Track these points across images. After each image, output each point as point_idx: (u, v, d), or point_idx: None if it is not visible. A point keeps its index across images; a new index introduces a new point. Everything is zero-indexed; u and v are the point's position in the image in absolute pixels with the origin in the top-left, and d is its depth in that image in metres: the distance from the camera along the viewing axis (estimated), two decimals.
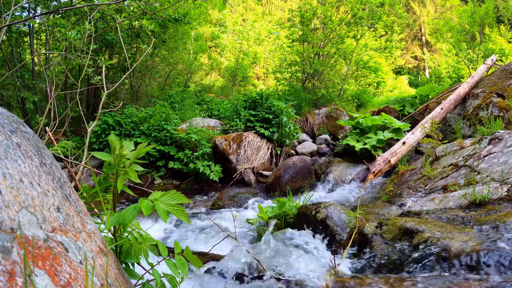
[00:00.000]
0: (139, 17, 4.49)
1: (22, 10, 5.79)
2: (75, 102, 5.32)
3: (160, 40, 7.11)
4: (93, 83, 3.92)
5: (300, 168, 4.55)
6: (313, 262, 1.76)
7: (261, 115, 5.54)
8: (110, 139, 1.09)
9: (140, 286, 1.11)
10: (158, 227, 3.15)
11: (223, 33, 14.75)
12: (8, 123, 0.86)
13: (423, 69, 21.81)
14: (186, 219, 1.06)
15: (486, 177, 2.64)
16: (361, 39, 9.07)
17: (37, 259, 0.65)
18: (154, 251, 1.14)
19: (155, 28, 5.83)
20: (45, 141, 2.60)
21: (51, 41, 3.87)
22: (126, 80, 7.28)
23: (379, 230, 1.92)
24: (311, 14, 8.05)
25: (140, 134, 5.31)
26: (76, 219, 0.89)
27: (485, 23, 9.77)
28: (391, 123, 5.36)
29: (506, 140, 3.17)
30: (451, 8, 19.95)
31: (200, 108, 7.03)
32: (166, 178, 5.10)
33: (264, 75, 16.28)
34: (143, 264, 1.18)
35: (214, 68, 13.36)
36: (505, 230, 1.58)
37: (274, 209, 2.82)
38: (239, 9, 20.76)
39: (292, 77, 8.76)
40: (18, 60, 5.98)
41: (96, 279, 0.79)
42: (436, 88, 7.80)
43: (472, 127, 4.98)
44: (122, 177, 1.11)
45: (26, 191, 0.73)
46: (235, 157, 4.98)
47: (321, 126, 7.20)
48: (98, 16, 5.62)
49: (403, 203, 2.99)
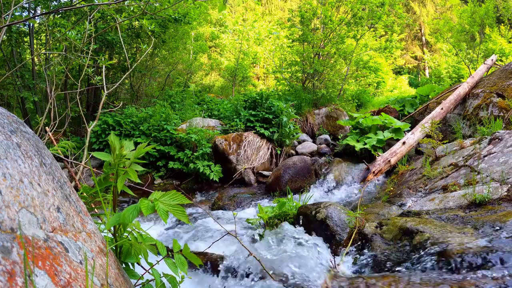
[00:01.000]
0: (139, 17, 4.49)
1: (22, 10, 5.79)
2: (75, 102, 5.32)
3: (160, 40, 7.11)
4: (93, 83, 3.92)
5: (300, 168, 4.55)
6: (313, 262, 1.76)
7: (261, 115, 5.54)
8: (110, 139, 1.09)
9: (140, 286, 1.11)
10: (158, 227, 3.16)
11: (223, 33, 14.75)
12: (8, 123, 0.86)
13: (423, 69, 21.81)
14: (186, 220, 1.06)
15: (486, 177, 2.64)
16: (361, 39, 9.07)
17: (37, 259, 0.65)
18: (154, 251, 1.14)
19: (155, 28, 5.83)
20: (45, 141, 2.60)
21: (51, 41, 3.87)
22: (126, 80, 7.28)
23: (379, 230, 1.92)
24: (311, 14, 8.05)
25: (140, 134, 5.32)
26: (76, 219, 0.89)
27: (485, 23, 9.75)
28: (391, 123, 5.36)
29: (506, 140, 3.17)
30: (451, 8, 19.94)
31: (200, 108, 7.03)
32: (166, 178, 5.10)
33: (264, 75, 16.28)
34: (143, 264, 1.18)
35: (214, 68, 13.36)
36: (505, 230, 1.58)
37: (274, 209, 2.83)
38: (239, 9, 20.77)
39: (292, 77, 8.76)
40: (18, 60, 5.98)
41: (96, 279, 0.79)
42: (436, 88, 7.80)
43: (472, 127, 4.98)
44: (122, 177, 1.11)
45: (26, 191, 0.73)
46: (235, 157, 4.98)
47: (321, 126, 7.20)
48: (98, 16, 5.62)
49: (403, 203, 2.99)
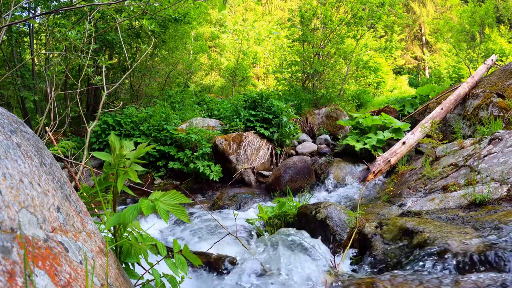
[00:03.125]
0: (139, 17, 4.49)
1: (22, 10, 5.79)
2: (75, 102, 5.32)
3: (160, 40, 7.11)
4: (93, 83, 3.92)
5: (300, 168, 4.55)
6: (313, 262, 1.76)
7: (261, 115, 5.53)
8: (110, 139, 1.09)
9: (140, 286, 1.11)
10: (158, 227, 3.16)
11: (223, 33, 14.75)
12: (8, 123, 0.86)
13: (423, 69, 21.81)
14: (186, 219, 1.06)
15: (486, 177, 2.64)
16: (361, 39, 9.07)
17: (37, 259, 0.65)
18: (154, 251, 1.14)
19: (155, 28, 5.83)
20: (45, 141, 2.60)
21: (51, 41, 3.86)
22: (126, 80, 7.27)
23: (379, 230, 1.92)
24: (311, 14, 8.05)
25: (140, 134, 5.31)
26: (76, 219, 0.89)
27: (485, 23, 9.74)
28: (391, 123, 5.36)
29: (506, 140, 3.17)
30: (451, 8, 19.93)
31: (200, 108, 7.02)
32: (166, 178, 5.10)
33: (264, 75, 16.27)
34: (143, 264, 1.18)
35: (214, 68, 13.36)
36: (505, 230, 1.58)
37: (274, 209, 2.83)
38: (239, 9, 20.77)
39: (292, 77, 8.76)
40: (18, 60, 5.98)
41: (96, 279, 0.79)
42: (436, 88, 7.80)
43: (472, 127, 4.98)
44: (122, 177, 1.11)
45: (26, 191, 0.73)
46: (235, 157, 4.97)
47: (321, 126, 7.20)
48: (98, 16, 5.62)
49: (403, 203, 2.99)
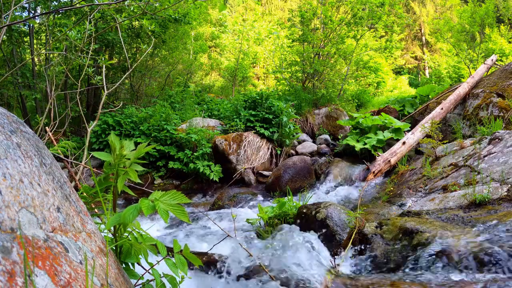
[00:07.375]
0: (139, 17, 4.50)
1: (22, 10, 5.79)
2: (75, 102, 5.32)
3: (160, 40, 7.11)
4: (93, 83, 3.92)
5: (300, 168, 4.55)
6: (313, 262, 1.76)
7: (261, 115, 5.53)
8: (110, 139, 1.09)
9: (140, 286, 1.11)
10: (158, 227, 3.16)
11: (223, 33, 14.75)
12: (8, 123, 0.86)
13: (423, 69, 21.81)
14: (186, 219, 1.06)
15: (486, 177, 2.64)
16: (361, 39, 9.07)
17: (37, 259, 0.65)
18: (154, 251, 1.14)
19: (155, 28, 5.83)
20: (45, 141, 2.60)
21: (51, 41, 3.87)
22: (126, 80, 7.28)
23: (379, 230, 1.92)
24: (311, 14, 8.05)
25: (140, 134, 5.32)
26: (76, 219, 0.89)
27: (485, 23, 9.75)
28: (391, 123, 5.36)
29: (506, 140, 3.17)
30: (451, 8, 19.94)
31: (200, 108, 7.02)
32: (166, 178, 5.10)
33: (264, 75, 16.27)
34: (143, 264, 1.18)
35: (214, 68, 13.37)
36: (505, 230, 1.58)
37: (274, 209, 2.83)
38: (239, 9, 20.76)
39: (292, 77, 8.76)
40: (19, 60, 5.98)
41: (96, 279, 0.79)
42: (436, 88, 7.79)
43: (472, 127, 4.98)
44: (122, 177, 1.11)
45: (26, 191, 0.73)
46: (235, 157, 4.97)
47: (321, 126, 7.20)
48: (98, 16, 5.62)
49: (403, 203, 2.99)
